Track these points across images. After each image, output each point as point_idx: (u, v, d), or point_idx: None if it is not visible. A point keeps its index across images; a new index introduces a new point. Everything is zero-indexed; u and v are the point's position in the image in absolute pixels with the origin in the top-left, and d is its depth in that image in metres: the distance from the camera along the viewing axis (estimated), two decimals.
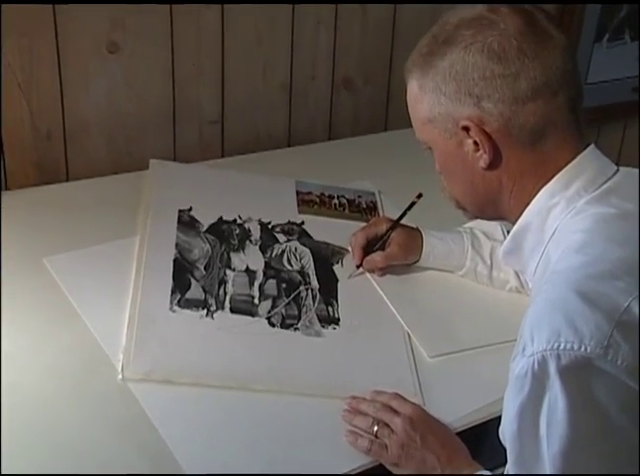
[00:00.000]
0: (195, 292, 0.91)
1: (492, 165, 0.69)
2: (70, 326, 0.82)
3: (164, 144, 1.16)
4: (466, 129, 0.68)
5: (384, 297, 0.96)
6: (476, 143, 0.68)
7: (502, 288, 0.97)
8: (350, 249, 1.01)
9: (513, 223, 0.71)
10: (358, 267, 0.98)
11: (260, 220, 1.05)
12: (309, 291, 0.95)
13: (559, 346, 0.58)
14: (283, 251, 1.01)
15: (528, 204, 0.69)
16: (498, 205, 0.71)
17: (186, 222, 1.01)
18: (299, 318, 0.91)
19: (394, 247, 0.97)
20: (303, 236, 1.04)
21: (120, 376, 0.78)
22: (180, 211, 1.03)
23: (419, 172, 0.97)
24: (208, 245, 0.98)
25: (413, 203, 1.00)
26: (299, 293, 0.94)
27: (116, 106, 1.09)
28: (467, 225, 0.99)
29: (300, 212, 1.08)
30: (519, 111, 0.65)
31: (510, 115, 0.66)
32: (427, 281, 0.99)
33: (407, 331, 0.91)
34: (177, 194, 1.05)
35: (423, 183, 1.01)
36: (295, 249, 1.01)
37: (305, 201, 1.10)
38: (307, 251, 1.01)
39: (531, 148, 0.67)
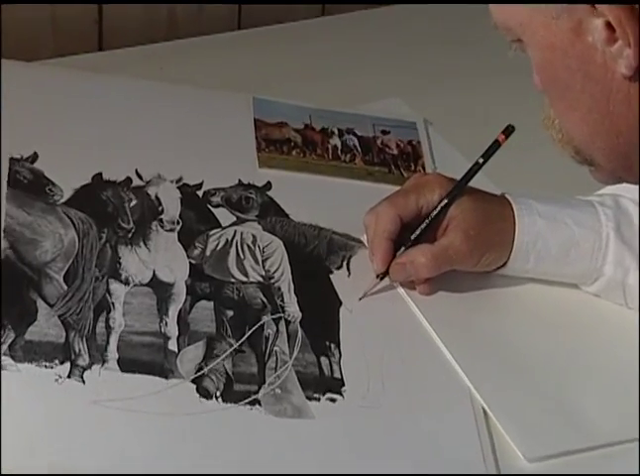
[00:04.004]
0: (46, 326, 0.91)
1: None
2: None
3: None
4: None
5: (437, 340, 0.96)
6: (609, 25, 0.69)
7: None
8: (364, 238, 1.02)
9: None
10: (381, 277, 0.99)
11: (179, 180, 1.05)
12: (282, 324, 0.95)
13: None
14: (228, 243, 1.01)
15: None
16: None
17: (26, 184, 1.02)
18: (262, 381, 0.91)
19: (456, 235, 0.98)
20: (269, 213, 1.05)
21: None
22: (14, 161, 1.03)
23: (506, 83, 0.99)
24: (73, 231, 0.98)
25: (496, 146, 1.00)
26: (262, 328, 0.95)
27: None
28: (604, 190, 1.01)
29: (263, 164, 1.09)
30: None
31: None
32: (524, 306, 1.00)
33: (484, 408, 0.92)
34: (6, 126, 1.05)
35: (514, 106, 1.02)
36: (253, 239, 1.01)
37: (273, 142, 1.11)
38: (278, 243, 1.02)
39: None
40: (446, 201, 0.98)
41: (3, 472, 0.80)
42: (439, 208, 0.98)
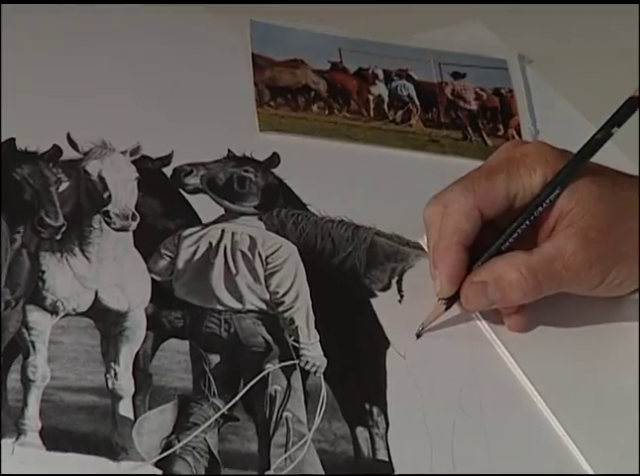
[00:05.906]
0: None
1: None
2: None
3: None
4: None
5: (538, 401, 0.98)
6: None
7: None
8: (424, 242, 1.03)
9: None
10: (447, 303, 1.00)
11: (136, 151, 1.06)
12: (296, 376, 0.96)
13: None
14: (212, 250, 1.01)
15: None
16: None
17: None
18: (266, 465, 0.91)
19: (569, 239, 0.99)
20: (276, 202, 1.06)
21: None
22: None
23: None
24: None
25: (634, 106, 1.01)
26: (265, 382, 0.95)
27: None
28: None
29: (266, 126, 1.13)
30: None
31: None
32: None
33: None
34: None
35: None
36: (251, 243, 1.02)
37: (282, 91, 1.14)
38: (290, 250, 1.03)
39: None
40: (556, 191, 0.97)
41: None
42: (545, 199, 0.97)
